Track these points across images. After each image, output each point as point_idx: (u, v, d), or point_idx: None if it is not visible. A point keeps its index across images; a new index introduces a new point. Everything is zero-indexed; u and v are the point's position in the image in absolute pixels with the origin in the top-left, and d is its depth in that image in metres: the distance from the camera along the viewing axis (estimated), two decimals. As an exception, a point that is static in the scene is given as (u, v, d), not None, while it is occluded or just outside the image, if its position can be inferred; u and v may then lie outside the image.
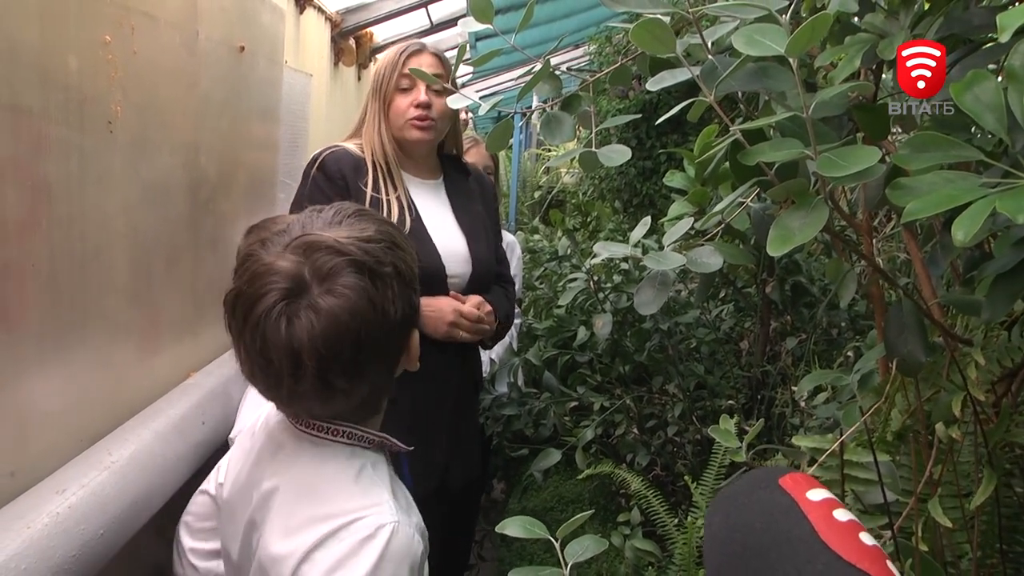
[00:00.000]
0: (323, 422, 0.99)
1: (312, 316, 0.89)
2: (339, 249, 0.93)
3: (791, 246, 0.78)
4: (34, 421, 1.11)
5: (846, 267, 1.22)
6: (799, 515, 0.59)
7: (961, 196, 0.68)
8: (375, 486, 0.95)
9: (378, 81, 1.89)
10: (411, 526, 0.92)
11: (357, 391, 0.95)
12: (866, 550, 0.56)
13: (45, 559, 0.96)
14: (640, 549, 1.90)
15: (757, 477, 0.66)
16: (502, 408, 2.45)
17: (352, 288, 0.91)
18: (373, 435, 1.00)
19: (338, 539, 0.88)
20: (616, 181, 5.10)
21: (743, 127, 0.85)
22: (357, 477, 0.96)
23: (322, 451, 0.99)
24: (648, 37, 0.83)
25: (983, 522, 1.03)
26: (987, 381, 0.98)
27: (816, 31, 0.72)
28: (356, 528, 0.89)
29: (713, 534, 0.64)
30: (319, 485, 0.96)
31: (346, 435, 0.98)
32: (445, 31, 4.30)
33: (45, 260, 1.12)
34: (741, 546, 0.60)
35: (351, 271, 0.92)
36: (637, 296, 1.07)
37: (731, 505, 0.64)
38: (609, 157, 1.09)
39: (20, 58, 1.04)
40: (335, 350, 0.89)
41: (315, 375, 0.90)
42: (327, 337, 0.89)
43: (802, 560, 0.55)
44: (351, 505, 0.92)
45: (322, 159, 1.84)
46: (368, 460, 0.99)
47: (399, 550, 0.88)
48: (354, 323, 0.90)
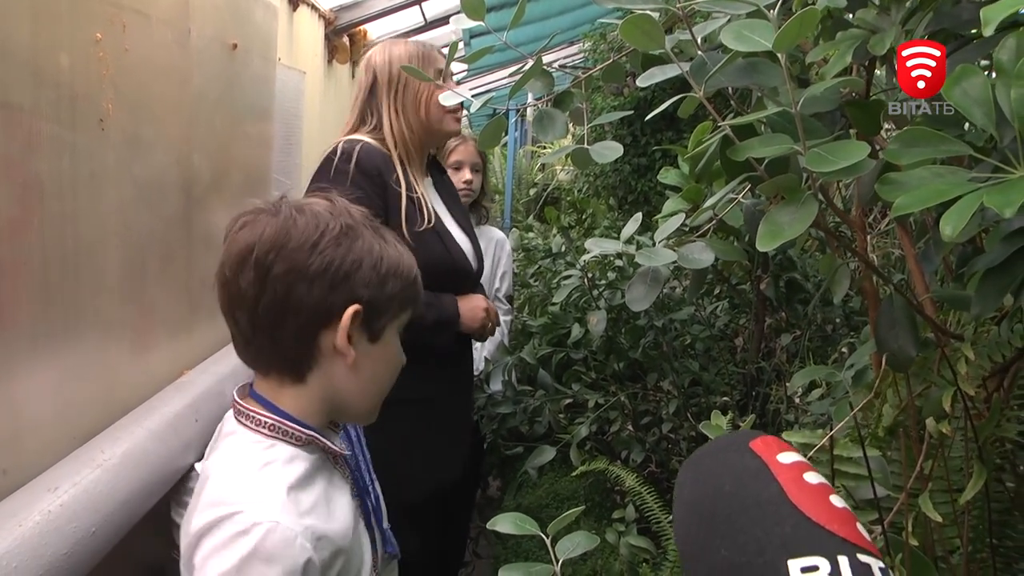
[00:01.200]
0: (251, 408, 0.99)
1: (243, 232, 0.96)
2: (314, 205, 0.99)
3: (780, 241, 0.78)
4: (27, 419, 1.11)
5: (839, 263, 1.22)
6: (769, 477, 0.58)
7: (949, 191, 0.68)
8: (271, 481, 0.92)
9: (401, 74, 1.82)
10: (298, 530, 0.88)
11: (258, 337, 0.97)
12: (836, 512, 0.56)
13: (37, 557, 0.96)
14: (635, 546, 1.90)
15: (728, 440, 0.65)
16: (497, 406, 2.45)
17: (289, 219, 0.95)
18: (299, 430, 0.98)
19: (219, 528, 0.88)
20: (611, 178, 5.10)
21: (733, 123, 0.85)
22: (260, 469, 0.94)
23: (244, 438, 0.98)
24: (637, 33, 0.83)
25: (973, 517, 1.04)
26: (977, 376, 0.98)
27: (804, 26, 0.72)
28: (235, 520, 0.87)
29: (683, 497, 0.64)
30: (225, 471, 0.95)
31: (267, 426, 0.98)
32: (439, 28, 4.29)
33: (37, 258, 1.12)
34: (710, 509, 0.59)
35: (322, 208, 0.98)
36: (629, 292, 1.07)
37: (701, 468, 0.64)
38: (601, 154, 1.09)
39: (11, 56, 1.04)
40: (254, 249, 0.94)
41: (225, 299, 0.97)
42: (233, 251, 0.96)
43: (771, 522, 0.55)
44: (239, 496, 0.90)
45: (357, 154, 1.75)
46: (286, 455, 0.97)
47: (271, 551, 0.86)
48: (262, 249, 0.94)
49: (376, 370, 1.03)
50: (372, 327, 1.00)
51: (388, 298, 1.00)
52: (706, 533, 0.58)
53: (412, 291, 1.04)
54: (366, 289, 0.98)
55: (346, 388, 1.01)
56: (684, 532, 0.61)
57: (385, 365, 1.05)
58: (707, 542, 0.57)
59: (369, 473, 1.52)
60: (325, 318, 0.97)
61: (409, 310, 1.06)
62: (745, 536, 0.55)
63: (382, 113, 1.83)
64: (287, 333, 0.97)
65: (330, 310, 0.97)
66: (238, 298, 0.97)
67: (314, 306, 0.96)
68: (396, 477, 1.58)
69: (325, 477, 1.01)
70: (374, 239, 1.00)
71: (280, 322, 0.96)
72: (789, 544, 0.53)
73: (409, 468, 1.82)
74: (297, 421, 0.99)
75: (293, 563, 0.86)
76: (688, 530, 0.61)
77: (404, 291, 1.02)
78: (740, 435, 0.64)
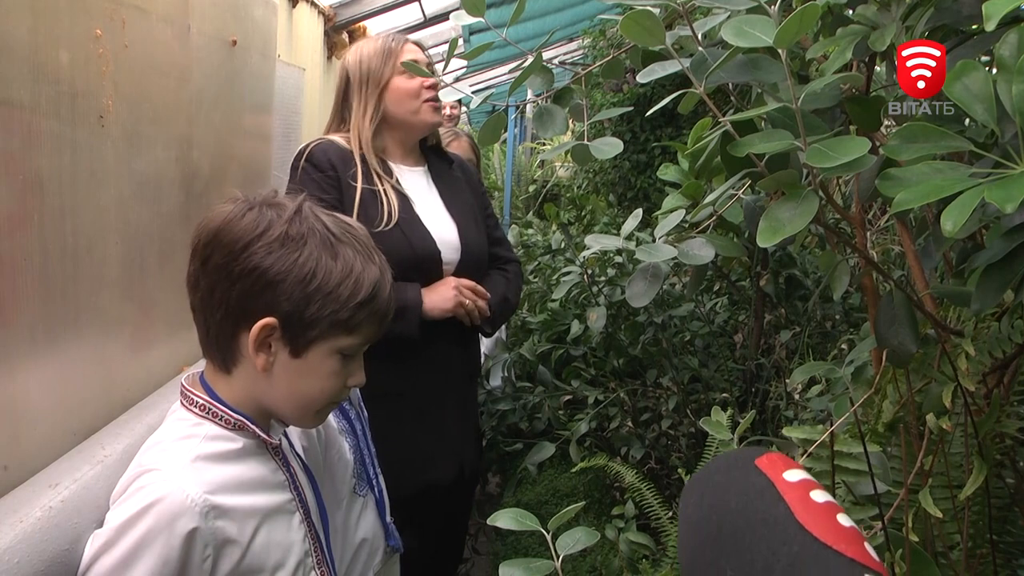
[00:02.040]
0: (192, 390, 1.03)
1: (205, 218, 1.01)
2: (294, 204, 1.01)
3: (781, 237, 0.78)
4: (26, 415, 1.11)
5: (839, 259, 1.22)
6: (775, 496, 0.58)
7: (950, 186, 0.68)
8: (183, 450, 0.96)
9: (367, 69, 1.86)
10: (194, 495, 0.91)
11: (196, 321, 1.02)
12: (843, 531, 0.55)
13: (38, 553, 0.96)
14: (634, 542, 1.90)
15: (733, 458, 0.65)
16: (496, 402, 2.45)
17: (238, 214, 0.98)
18: (228, 414, 1.01)
19: (126, 482, 0.95)
20: (611, 175, 5.10)
21: (733, 118, 0.85)
22: (175, 439, 0.98)
23: (177, 415, 1.03)
24: (638, 29, 0.83)
25: (973, 512, 1.04)
26: (978, 372, 0.98)
27: (804, 22, 0.72)
28: (140, 479, 0.93)
29: (688, 516, 0.63)
30: (152, 441, 1.01)
31: (199, 406, 1.01)
32: (438, 25, 4.29)
33: (37, 254, 1.12)
34: (716, 527, 0.58)
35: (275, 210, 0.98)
36: (629, 288, 1.07)
37: (706, 486, 0.63)
38: (601, 150, 1.09)
39: (11, 52, 1.04)
40: (201, 236, 0.99)
41: (191, 251, 1.01)
42: (207, 223, 1.00)
43: (778, 542, 0.54)
44: (152, 459, 0.96)
45: (310, 150, 1.83)
46: (209, 433, 1.00)
47: (164, 510, 0.90)
48: (205, 238, 0.98)
49: (297, 384, 1.01)
50: (294, 342, 0.98)
51: (312, 318, 0.97)
52: (712, 552, 0.57)
53: (354, 315, 0.99)
54: (287, 303, 0.96)
55: (264, 392, 1.02)
56: (689, 551, 0.61)
57: (310, 382, 1.01)
58: (713, 561, 0.57)
59: (373, 466, 1.52)
60: (243, 320, 0.97)
61: (358, 335, 1.01)
62: (751, 555, 0.55)
63: (352, 110, 1.87)
64: (212, 324, 1.00)
65: (247, 314, 0.96)
66: (188, 279, 1.02)
67: (234, 306, 0.97)
68: (384, 470, 1.59)
69: (251, 463, 1.03)
70: (320, 254, 0.97)
71: (208, 312, 0.99)
72: (796, 564, 0.53)
73: (394, 463, 1.82)
74: (227, 405, 1.01)
75: (180, 525, 0.90)
76: (693, 549, 0.60)
77: (339, 313, 0.98)
78: (745, 452, 0.64)
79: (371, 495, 1.49)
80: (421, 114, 1.86)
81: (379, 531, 1.49)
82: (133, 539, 0.90)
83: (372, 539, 1.46)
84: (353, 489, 1.44)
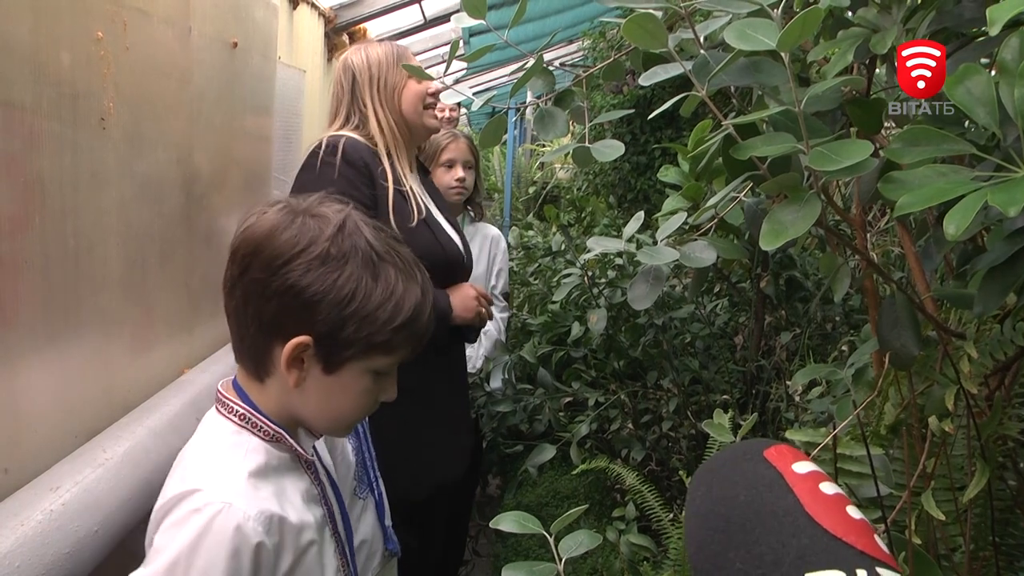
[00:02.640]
0: (229, 397, 1.00)
1: (247, 224, 0.97)
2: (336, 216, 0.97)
3: (784, 240, 0.78)
4: (28, 417, 1.11)
5: (840, 261, 1.22)
6: (784, 488, 0.57)
7: (953, 190, 0.68)
8: (233, 464, 0.94)
9: (379, 70, 1.86)
10: (251, 513, 0.89)
11: (231, 326, 0.99)
12: (853, 523, 0.55)
13: (39, 556, 0.96)
14: (635, 544, 1.90)
15: (741, 449, 0.64)
16: (496, 404, 2.45)
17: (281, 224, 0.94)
18: (268, 425, 0.98)
19: (178, 506, 0.89)
20: (611, 176, 5.10)
21: (736, 122, 0.85)
22: (225, 451, 0.96)
23: (217, 423, 1.00)
24: (640, 32, 0.83)
25: (976, 515, 1.04)
26: (980, 375, 0.98)
27: (808, 25, 0.72)
28: (193, 499, 0.89)
29: (695, 508, 0.62)
30: (194, 452, 0.98)
31: (238, 415, 0.98)
32: (438, 27, 4.29)
33: (38, 256, 1.12)
34: (724, 520, 0.57)
35: (319, 223, 0.95)
36: (631, 291, 1.07)
37: (714, 478, 0.62)
38: (602, 152, 1.09)
39: (13, 53, 1.04)
40: (243, 244, 0.95)
41: (230, 254, 0.97)
42: (233, 240, 0.96)
43: (787, 534, 0.54)
44: (200, 476, 0.92)
45: (344, 147, 1.78)
46: (250, 445, 0.97)
47: (221, 531, 0.87)
48: (246, 248, 0.94)
49: (329, 400, 1.00)
50: (328, 360, 0.97)
51: (349, 339, 0.95)
52: (720, 545, 0.56)
53: (392, 337, 0.97)
54: (323, 323, 0.94)
55: (296, 404, 1.00)
56: (697, 544, 0.60)
57: (342, 399, 1.00)
58: (721, 554, 0.56)
59: (373, 469, 1.52)
60: (278, 334, 0.95)
61: (394, 355, 1.00)
62: (761, 548, 0.54)
63: (366, 110, 1.86)
64: (246, 335, 0.97)
65: (282, 330, 0.95)
66: (224, 283, 0.98)
67: (268, 321, 0.95)
68: (397, 475, 1.59)
69: (288, 477, 1.00)
70: (359, 274, 0.95)
71: (241, 322, 0.97)
72: (806, 556, 0.52)
73: (409, 465, 1.83)
74: (266, 416, 0.99)
75: (244, 544, 0.88)
76: (701, 542, 0.59)
77: (376, 336, 0.96)
78: (753, 444, 0.63)
79: (371, 497, 1.49)
80: (424, 119, 1.89)
81: (378, 534, 1.49)
82: (198, 567, 0.86)
83: (371, 542, 1.46)
84: (354, 491, 1.44)
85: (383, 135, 1.85)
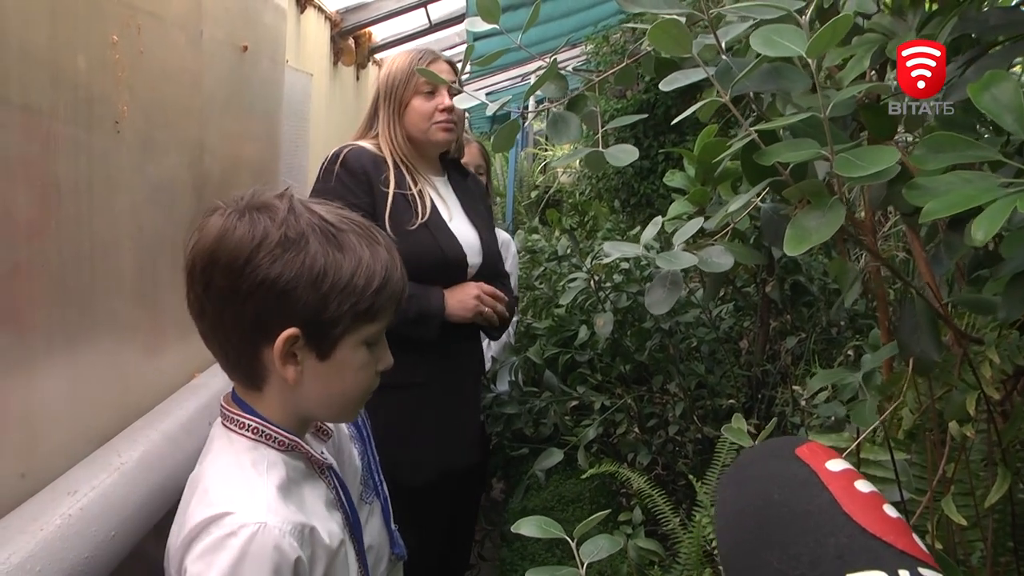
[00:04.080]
0: (236, 411, 0.98)
1: (193, 240, 0.95)
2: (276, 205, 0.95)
3: (808, 246, 0.78)
4: (43, 422, 1.10)
5: (851, 267, 1.22)
6: (819, 486, 0.55)
7: (980, 196, 0.68)
8: (258, 483, 0.92)
9: (391, 85, 1.94)
10: (286, 529, 0.88)
11: (212, 347, 0.97)
12: (891, 522, 0.53)
13: (59, 561, 0.96)
14: (643, 548, 1.89)
15: (772, 447, 0.62)
16: (503, 407, 2.45)
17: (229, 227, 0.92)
18: (281, 435, 0.97)
19: (208, 531, 0.87)
20: (614, 181, 5.09)
21: (760, 128, 0.86)
22: (245, 471, 0.93)
23: (229, 443, 0.97)
24: (665, 37, 0.83)
25: (995, 520, 1.04)
26: (998, 380, 0.98)
27: (837, 32, 0.72)
28: (224, 523, 0.87)
29: (727, 508, 0.61)
30: (214, 475, 0.94)
31: (251, 429, 0.96)
32: (444, 30, 4.30)
33: (54, 260, 1.12)
34: (758, 520, 0.56)
35: (266, 215, 0.93)
36: (648, 296, 1.07)
37: (745, 477, 0.61)
38: (616, 157, 1.09)
39: (31, 58, 1.04)
40: (196, 259, 0.93)
41: (186, 276, 0.96)
42: (187, 261, 0.95)
43: (825, 533, 0.52)
44: (228, 498, 0.90)
45: (344, 156, 1.88)
46: (269, 458, 0.95)
47: (260, 552, 0.85)
48: (201, 261, 0.93)
49: (331, 386, 0.98)
50: (320, 346, 0.95)
51: (334, 316, 0.93)
52: (755, 545, 0.55)
53: (374, 302, 0.96)
54: (305, 309, 0.92)
55: (299, 401, 0.98)
56: (729, 545, 0.59)
57: (343, 380, 0.98)
58: (756, 554, 0.55)
59: (378, 472, 1.51)
60: (263, 336, 0.93)
61: (380, 320, 0.98)
62: (797, 548, 0.53)
63: (379, 121, 1.97)
64: (232, 347, 0.95)
65: (266, 329, 0.92)
66: (192, 308, 0.97)
67: (249, 325, 0.92)
68: (394, 461, 1.61)
69: (307, 486, 0.99)
70: (322, 248, 0.92)
71: (224, 336, 0.94)
72: (846, 556, 0.51)
73: (408, 451, 1.89)
74: (278, 426, 0.97)
75: (284, 561, 0.86)
76: (734, 543, 0.58)
77: (359, 304, 0.94)
78: (783, 442, 0.62)
79: (377, 501, 1.49)
80: (430, 134, 1.95)
81: (384, 538, 1.48)
82: None
83: (377, 547, 1.45)
84: (360, 496, 1.44)
85: (390, 147, 1.94)
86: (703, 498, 1.82)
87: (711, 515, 1.73)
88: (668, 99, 4.50)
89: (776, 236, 1.17)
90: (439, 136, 1.95)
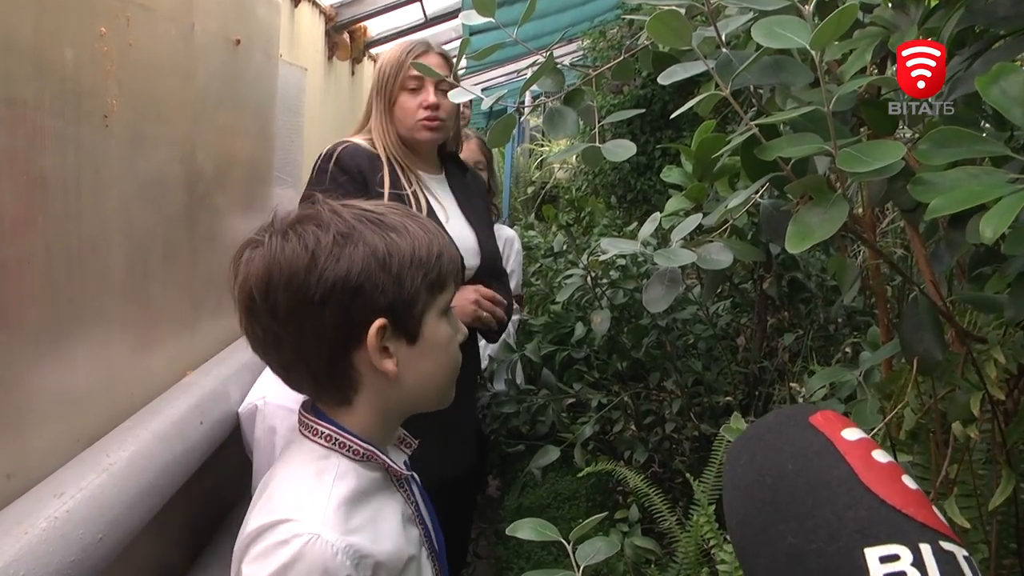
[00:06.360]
0: (312, 419, 0.96)
1: (241, 277, 0.90)
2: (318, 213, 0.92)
3: (811, 243, 0.76)
4: (31, 422, 1.08)
5: (850, 263, 1.21)
6: (836, 456, 0.53)
7: (988, 192, 0.67)
8: (320, 493, 0.90)
9: (382, 80, 1.89)
10: (339, 546, 0.85)
11: (295, 374, 0.94)
12: (911, 494, 0.51)
13: (44, 564, 0.94)
14: (640, 546, 1.88)
15: (784, 416, 0.59)
16: (501, 406, 2.43)
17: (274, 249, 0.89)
18: (357, 444, 0.94)
19: (264, 536, 0.86)
20: (610, 176, 5.08)
21: (761, 122, 0.84)
22: (312, 479, 0.91)
23: (301, 449, 0.95)
24: (664, 29, 0.81)
25: (999, 522, 1.02)
26: (1003, 379, 0.97)
27: (842, 22, 0.70)
28: (279, 530, 0.85)
29: (737, 480, 0.57)
30: (280, 481, 0.93)
31: (324, 436, 0.94)
32: (439, 25, 4.27)
33: (41, 257, 1.10)
34: (771, 491, 0.53)
35: (311, 224, 0.90)
36: (646, 293, 1.05)
37: (758, 446, 0.58)
38: (614, 152, 1.07)
39: (16, 50, 1.02)
40: (252, 291, 0.89)
41: (253, 344, 0.93)
42: (239, 299, 0.91)
43: (842, 504, 0.50)
44: (288, 505, 0.88)
45: (338, 154, 1.83)
46: (340, 468, 0.93)
47: (310, 564, 0.84)
48: (259, 291, 0.89)
49: (426, 367, 0.96)
50: (407, 329, 0.93)
51: (411, 294, 0.92)
52: (768, 518, 0.53)
53: (440, 270, 0.95)
54: (384, 296, 0.89)
55: (398, 397, 0.96)
56: (740, 518, 0.56)
57: (436, 357, 0.97)
58: (769, 528, 0.52)
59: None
60: (350, 339, 0.90)
61: (448, 288, 0.97)
62: (814, 520, 0.50)
63: (372, 119, 1.92)
64: (319, 364, 0.92)
65: (352, 330, 0.90)
66: (262, 344, 0.93)
67: (333, 331, 0.89)
68: None
69: (382, 499, 0.97)
70: (376, 234, 0.91)
71: (310, 354, 0.91)
72: (866, 529, 0.48)
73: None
74: (354, 434, 0.94)
75: None
76: (745, 516, 0.55)
77: (429, 275, 0.93)
78: (797, 409, 0.59)
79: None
80: (415, 132, 1.89)
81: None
82: None
83: None
84: None
85: (383, 144, 1.89)
86: (700, 496, 1.80)
87: (708, 514, 1.72)
88: (665, 94, 4.49)
89: (776, 233, 1.15)
90: (423, 135, 1.89)
